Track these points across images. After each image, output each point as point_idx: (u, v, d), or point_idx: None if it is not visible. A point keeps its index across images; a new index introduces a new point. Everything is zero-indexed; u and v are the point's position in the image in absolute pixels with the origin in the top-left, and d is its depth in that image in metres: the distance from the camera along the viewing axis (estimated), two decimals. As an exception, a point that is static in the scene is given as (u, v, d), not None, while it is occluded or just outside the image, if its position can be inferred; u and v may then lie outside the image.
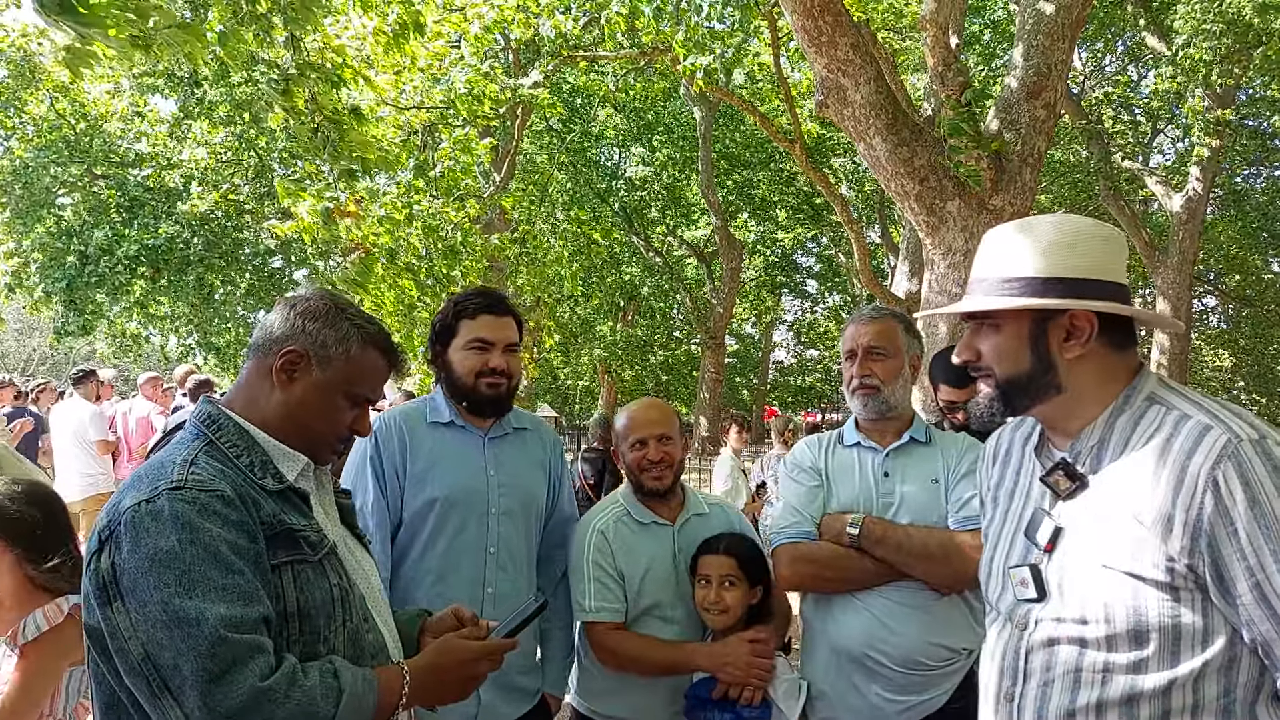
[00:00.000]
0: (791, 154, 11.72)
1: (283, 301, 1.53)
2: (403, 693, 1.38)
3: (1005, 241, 1.38)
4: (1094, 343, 1.31)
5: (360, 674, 1.35)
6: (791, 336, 36.02)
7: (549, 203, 18.91)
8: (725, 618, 2.12)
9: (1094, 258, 1.32)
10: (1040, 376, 1.34)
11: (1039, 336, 1.33)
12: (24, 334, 37.00)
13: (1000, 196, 5.34)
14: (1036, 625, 1.33)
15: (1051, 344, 1.33)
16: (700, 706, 2.06)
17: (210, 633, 1.19)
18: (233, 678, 1.19)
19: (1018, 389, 1.35)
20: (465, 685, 1.50)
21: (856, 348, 2.21)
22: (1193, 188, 13.85)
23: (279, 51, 4.84)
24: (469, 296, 2.29)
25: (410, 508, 2.17)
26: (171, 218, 14.23)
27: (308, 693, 1.25)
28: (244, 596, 1.25)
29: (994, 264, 1.38)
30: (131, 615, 1.22)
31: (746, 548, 2.18)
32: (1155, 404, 1.29)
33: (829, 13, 4.84)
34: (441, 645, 1.50)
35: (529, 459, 2.35)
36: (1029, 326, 1.33)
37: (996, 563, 1.46)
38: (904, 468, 2.17)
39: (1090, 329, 1.31)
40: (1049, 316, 1.32)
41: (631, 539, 2.24)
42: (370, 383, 1.52)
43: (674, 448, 2.26)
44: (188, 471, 1.31)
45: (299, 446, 1.48)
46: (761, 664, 2.05)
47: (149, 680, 1.21)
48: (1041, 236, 1.34)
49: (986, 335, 1.38)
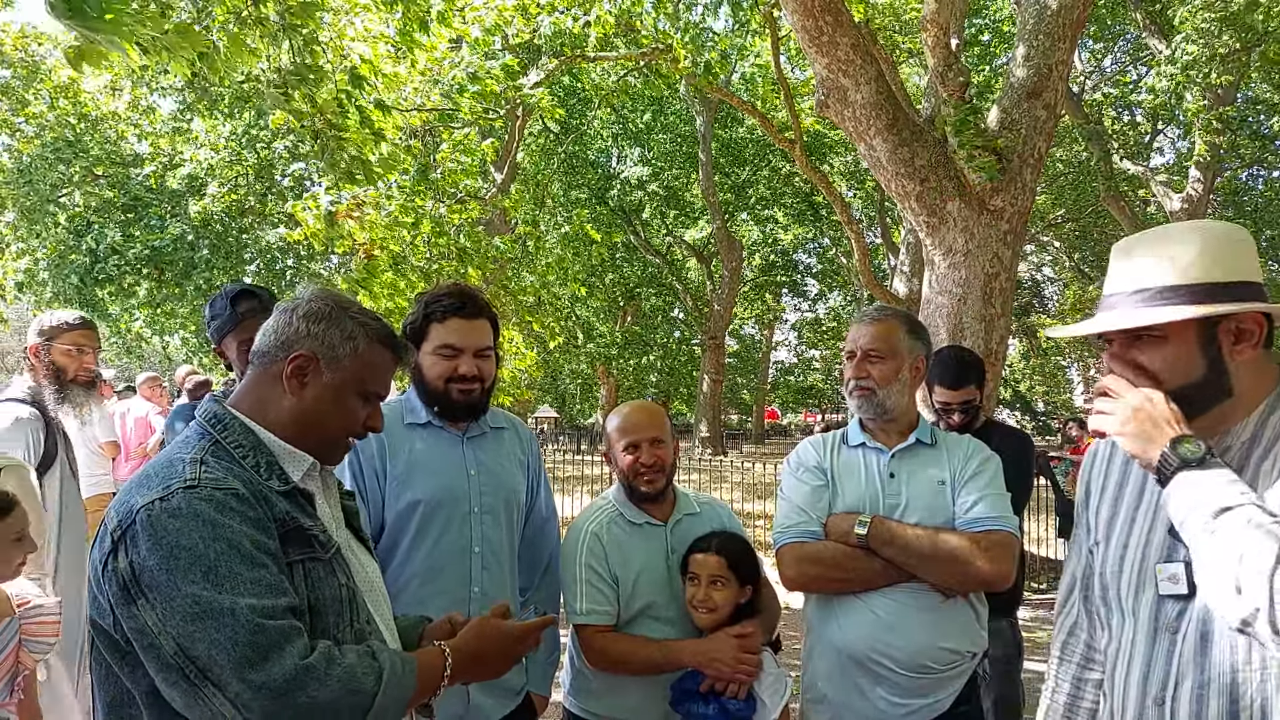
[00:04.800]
0: (791, 154, 11.73)
1: (283, 306, 1.51)
2: (445, 673, 1.41)
3: (1151, 251, 1.36)
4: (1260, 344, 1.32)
5: (399, 654, 1.37)
6: (793, 336, 36.05)
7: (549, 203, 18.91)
8: (713, 616, 2.11)
9: (1245, 260, 1.32)
10: (1214, 382, 1.32)
11: (1210, 342, 1.31)
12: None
13: (1000, 196, 5.35)
14: (1188, 626, 1.30)
15: (1223, 348, 1.31)
16: (687, 698, 2.07)
17: (246, 621, 1.20)
18: (274, 659, 1.20)
19: (1190, 398, 1.32)
20: (504, 664, 1.53)
21: (856, 349, 2.20)
22: (1193, 188, 13.85)
23: (276, 53, 4.84)
24: (439, 297, 2.21)
25: (392, 511, 2.15)
26: (177, 218, 14.23)
27: (349, 669, 1.26)
28: (271, 588, 1.25)
29: (1147, 274, 1.34)
30: (159, 611, 1.21)
31: (737, 547, 2.17)
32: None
33: (829, 13, 4.84)
34: (480, 627, 1.52)
35: (508, 457, 2.34)
36: (1199, 334, 1.31)
37: (1129, 562, 1.42)
38: (910, 469, 2.16)
39: (1260, 330, 1.31)
40: (1217, 322, 1.30)
41: (625, 540, 2.23)
42: (380, 379, 1.52)
43: (666, 451, 2.24)
44: (200, 470, 1.31)
45: (312, 448, 1.47)
46: (748, 659, 2.05)
47: (185, 673, 1.20)
48: (1193, 244, 1.33)
49: (1149, 348, 1.34)
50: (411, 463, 2.17)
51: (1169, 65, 11.58)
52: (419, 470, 2.17)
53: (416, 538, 2.15)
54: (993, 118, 5.49)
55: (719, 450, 22.75)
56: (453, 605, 1.95)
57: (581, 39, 9.66)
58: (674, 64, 9.14)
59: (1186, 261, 1.31)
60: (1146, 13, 13.43)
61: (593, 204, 22.35)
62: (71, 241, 13.74)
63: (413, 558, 2.15)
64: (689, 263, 27.34)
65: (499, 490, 2.26)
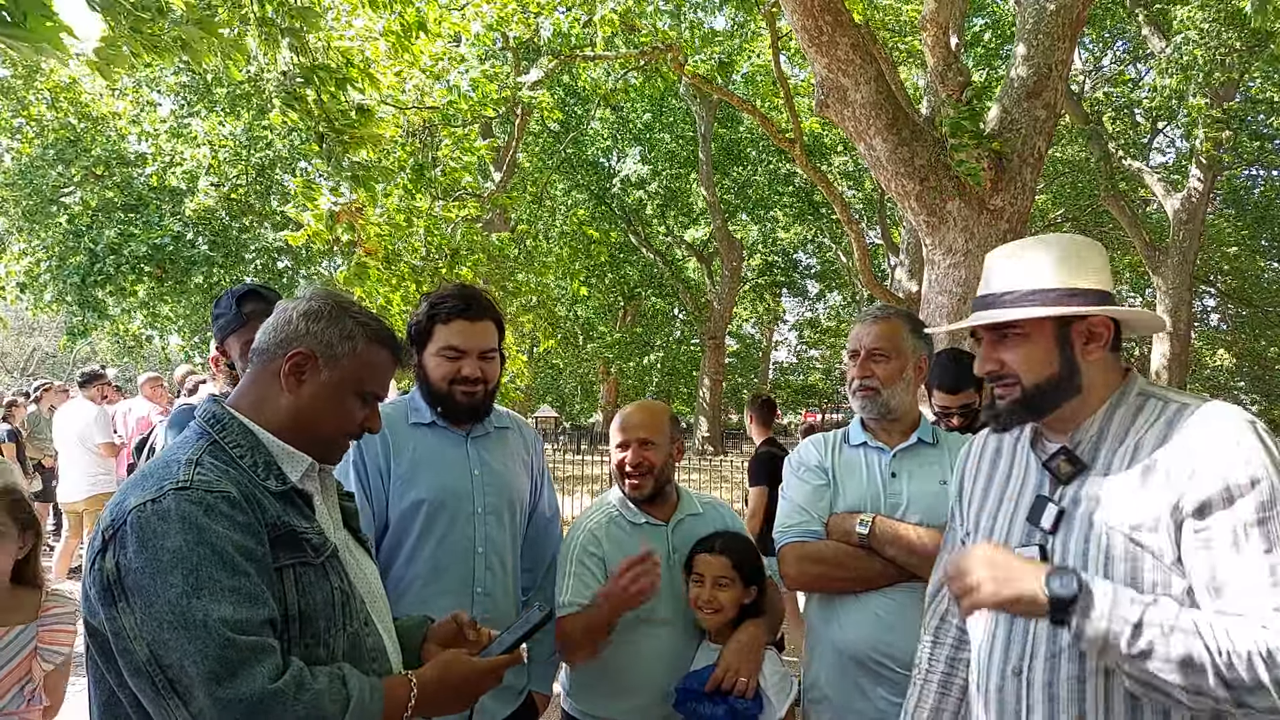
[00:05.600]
0: (791, 154, 11.73)
1: (282, 304, 1.51)
2: (409, 704, 1.38)
3: (1021, 258, 1.50)
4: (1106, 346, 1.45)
5: (369, 682, 1.35)
6: (794, 335, 36.04)
7: (549, 203, 18.91)
8: (718, 617, 2.11)
9: (1099, 269, 1.47)
10: (1067, 379, 1.45)
11: (1064, 341, 1.45)
12: (24, 334, 36.98)
13: (1000, 196, 5.34)
14: None
15: (1075, 348, 1.45)
16: (692, 698, 2.05)
17: (216, 634, 1.19)
18: (240, 679, 1.19)
19: (1044, 393, 1.46)
20: (468, 700, 1.50)
21: (859, 348, 2.20)
22: (1193, 188, 13.84)
23: (275, 55, 4.83)
24: (444, 298, 2.22)
25: (396, 510, 2.15)
26: (176, 216, 14.21)
27: (316, 696, 1.25)
28: (250, 598, 1.25)
29: (1015, 278, 1.49)
30: (137, 615, 1.21)
31: (742, 548, 2.17)
32: (1152, 398, 1.44)
33: (829, 12, 4.84)
34: (448, 660, 1.50)
35: (512, 457, 2.34)
36: (1055, 334, 1.45)
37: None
38: (912, 469, 2.16)
39: (1108, 333, 1.45)
40: (1071, 323, 1.45)
41: (624, 540, 2.20)
42: (379, 379, 1.51)
43: (654, 453, 2.19)
44: (193, 472, 1.30)
45: (309, 448, 1.47)
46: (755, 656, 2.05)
47: (154, 681, 1.21)
48: (1055, 253, 1.48)
49: (1013, 346, 1.48)
50: (415, 462, 2.17)
51: (1170, 64, 11.58)
52: (423, 469, 2.17)
53: (420, 537, 2.14)
54: (993, 117, 5.49)
55: (719, 450, 22.75)
56: (456, 605, 1.94)
57: (582, 39, 9.66)
58: (675, 64, 9.13)
59: (1048, 269, 1.46)
60: (1147, 13, 13.43)
61: (593, 204, 22.34)
62: (71, 242, 13.72)
63: (416, 557, 2.14)
64: (689, 263, 27.33)
65: (503, 490, 2.26)
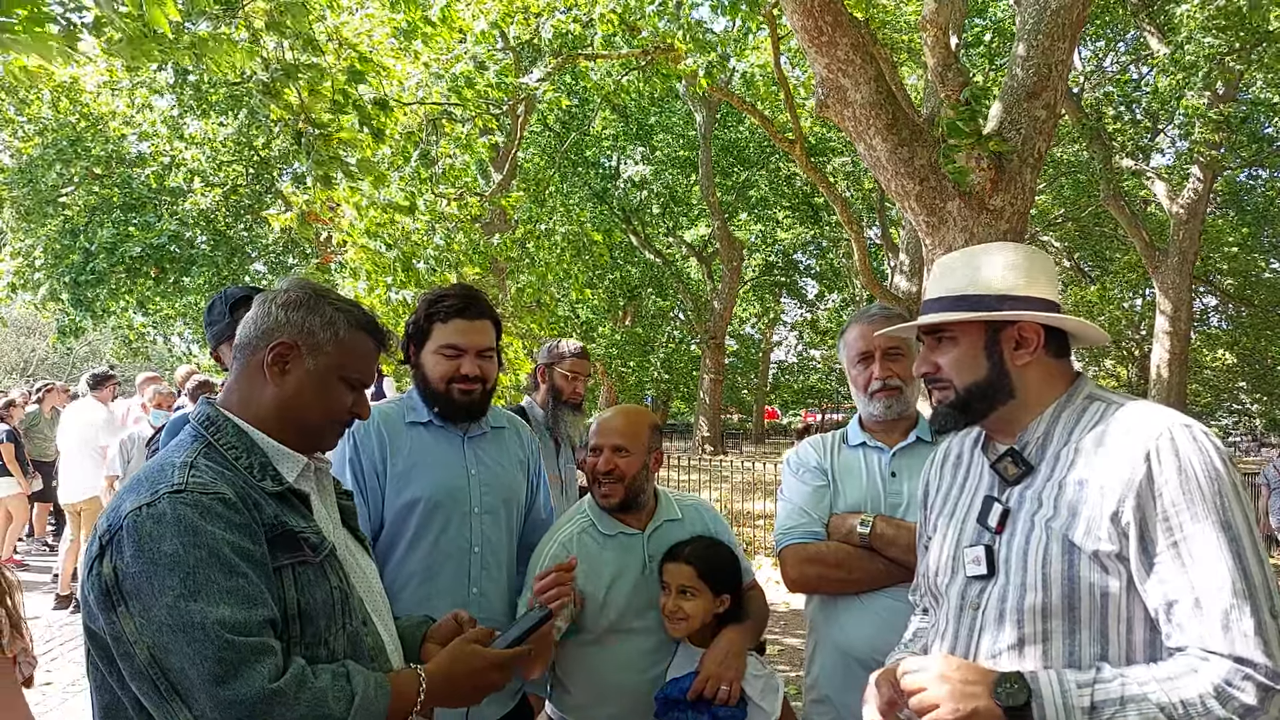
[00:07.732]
0: (791, 154, 11.73)
1: (261, 297, 1.52)
2: (418, 698, 1.38)
3: (957, 265, 1.56)
4: (1039, 351, 1.48)
5: (374, 678, 1.34)
6: (793, 336, 36.02)
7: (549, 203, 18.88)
8: (684, 626, 2.05)
9: (1032, 278, 1.50)
10: (996, 383, 1.49)
11: (992, 346, 1.49)
12: (23, 335, 36.96)
13: (1000, 196, 5.34)
14: (987, 602, 1.44)
15: (1004, 353, 1.49)
16: (673, 707, 1.99)
17: (215, 636, 1.19)
18: (241, 680, 1.19)
19: (976, 396, 1.50)
20: (477, 695, 1.49)
21: (873, 349, 2.17)
22: (1193, 188, 13.83)
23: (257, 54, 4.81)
24: (442, 297, 2.22)
25: (392, 509, 2.15)
26: (175, 216, 14.20)
27: (318, 694, 1.25)
28: (248, 599, 1.24)
29: (948, 284, 1.54)
30: (136, 620, 1.21)
31: (710, 556, 2.08)
32: (1096, 401, 1.46)
33: (829, 12, 4.83)
34: (457, 652, 1.49)
35: (509, 457, 2.34)
36: (984, 338, 1.49)
37: (945, 552, 1.57)
38: (911, 467, 2.14)
39: (1037, 339, 1.48)
40: (1000, 328, 1.49)
41: (595, 553, 2.10)
42: (362, 365, 1.52)
43: (627, 461, 2.09)
44: (188, 474, 1.30)
45: (298, 439, 1.47)
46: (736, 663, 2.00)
47: (156, 684, 1.20)
48: (989, 261, 1.53)
49: (945, 349, 1.53)
50: (412, 460, 2.17)
51: (1169, 63, 11.57)
52: (419, 468, 2.17)
53: (416, 536, 2.14)
54: (993, 118, 5.48)
55: (719, 450, 22.75)
56: (452, 605, 1.93)
57: (583, 40, 9.65)
58: (675, 64, 9.13)
59: (979, 275, 1.52)
60: (1147, 12, 13.42)
61: (594, 204, 22.32)
62: (67, 241, 13.71)
63: (412, 556, 2.14)
64: (689, 262, 27.31)
65: (499, 490, 2.26)
